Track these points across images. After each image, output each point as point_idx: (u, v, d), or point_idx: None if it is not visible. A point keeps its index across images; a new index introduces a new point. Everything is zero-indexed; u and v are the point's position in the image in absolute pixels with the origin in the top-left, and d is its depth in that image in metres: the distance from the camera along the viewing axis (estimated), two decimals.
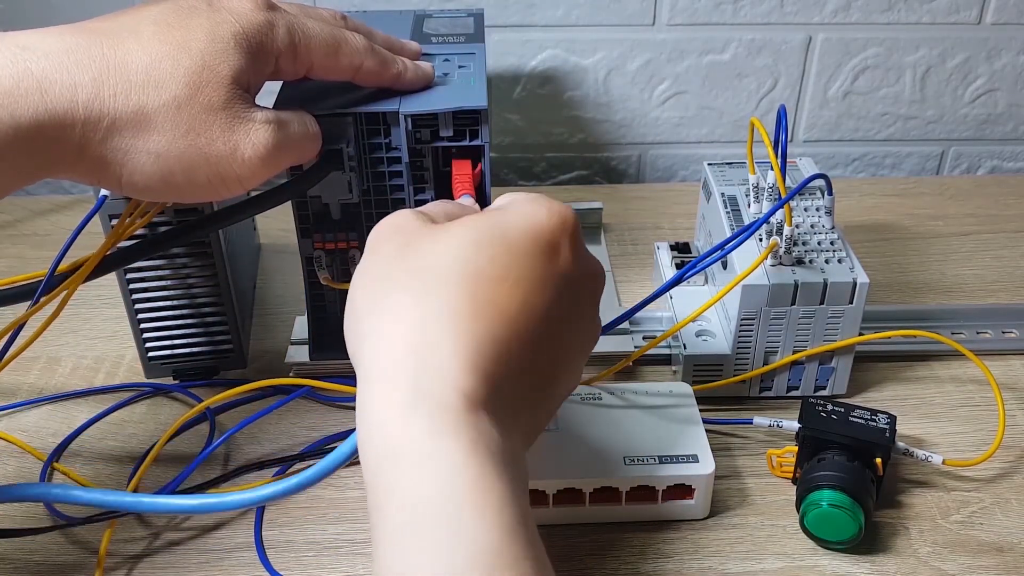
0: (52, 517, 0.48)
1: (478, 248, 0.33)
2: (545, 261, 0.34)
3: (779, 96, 0.82)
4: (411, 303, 0.32)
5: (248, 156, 0.39)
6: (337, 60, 0.44)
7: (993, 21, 0.80)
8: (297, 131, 0.43)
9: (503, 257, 0.33)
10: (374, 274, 0.34)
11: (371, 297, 0.33)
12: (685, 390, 0.52)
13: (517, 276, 0.33)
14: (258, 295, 0.66)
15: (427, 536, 0.27)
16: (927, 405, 0.56)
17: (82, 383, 0.58)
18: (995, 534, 0.48)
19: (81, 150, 0.37)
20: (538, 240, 0.34)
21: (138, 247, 0.47)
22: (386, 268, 0.34)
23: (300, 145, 0.43)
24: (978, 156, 0.88)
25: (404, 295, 0.32)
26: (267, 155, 0.40)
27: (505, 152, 0.85)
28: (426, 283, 0.32)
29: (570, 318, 0.35)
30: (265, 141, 0.40)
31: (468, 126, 0.49)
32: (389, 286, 0.33)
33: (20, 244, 0.72)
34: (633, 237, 0.73)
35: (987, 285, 0.67)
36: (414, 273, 0.33)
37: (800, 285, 0.52)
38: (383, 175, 0.51)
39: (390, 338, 0.31)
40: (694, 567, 0.46)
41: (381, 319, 0.32)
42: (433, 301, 0.31)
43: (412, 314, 0.31)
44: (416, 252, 0.33)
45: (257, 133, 0.40)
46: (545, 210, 0.35)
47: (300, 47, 0.42)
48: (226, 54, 0.39)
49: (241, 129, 0.39)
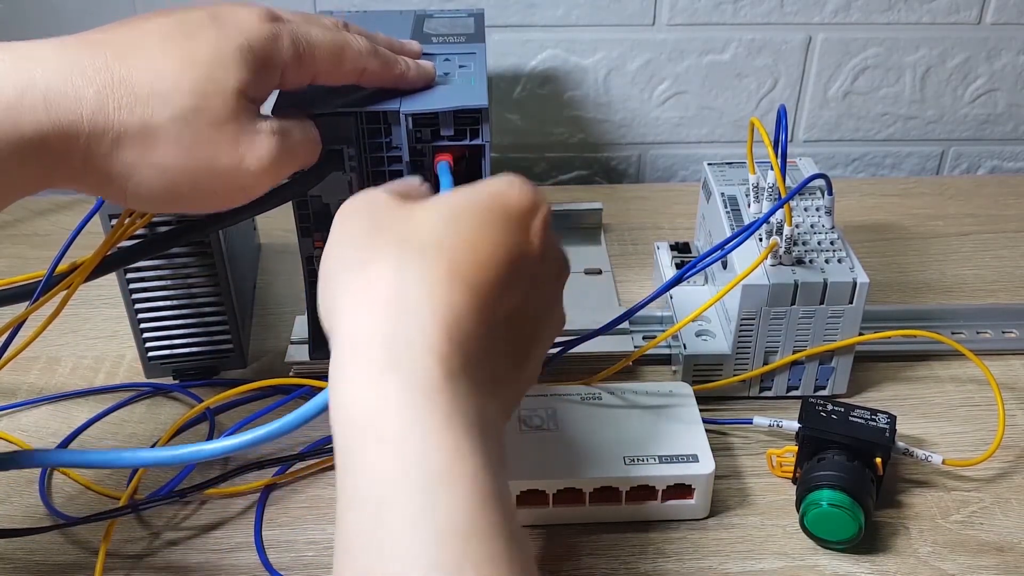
0: (52, 517, 0.49)
1: (454, 221, 0.33)
2: (517, 235, 0.34)
3: (779, 96, 0.82)
4: (389, 271, 0.32)
5: (253, 167, 0.40)
6: (341, 66, 0.44)
7: (993, 21, 0.80)
8: (299, 138, 0.43)
9: (478, 230, 0.33)
10: (349, 243, 0.34)
11: (347, 266, 0.33)
12: (685, 390, 0.52)
13: (491, 249, 0.33)
14: (258, 295, 0.66)
15: (398, 508, 0.27)
16: (927, 405, 0.56)
17: (82, 383, 0.58)
18: (995, 534, 0.48)
19: (85, 163, 0.37)
20: (508, 214, 0.35)
21: (138, 247, 0.47)
22: (362, 239, 0.34)
23: (302, 151, 0.44)
24: (978, 156, 0.88)
25: (382, 264, 0.32)
26: (271, 165, 0.40)
27: (505, 152, 0.85)
28: (403, 253, 0.32)
29: (540, 297, 0.36)
30: (269, 151, 0.40)
31: (469, 125, 0.49)
32: (366, 255, 0.33)
33: (20, 244, 0.72)
34: (633, 237, 0.73)
35: (987, 285, 0.68)
36: (391, 243, 0.33)
37: (800, 285, 0.52)
38: (384, 175, 0.51)
39: (368, 305, 0.32)
40: (694, 567, 0.46)
41: (358, 287, 0.32)
42: (411, 270, 0.32)
43: (390, 282, 0.32)
44: (392, 225, 0.34)
45: (261, 144, 0.40)
46: (517, 188, 0.36)
47: (305, 56, 0.42)
48: (232, 68, 0.38)
49: (246, 141, 0.39)
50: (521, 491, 0.47)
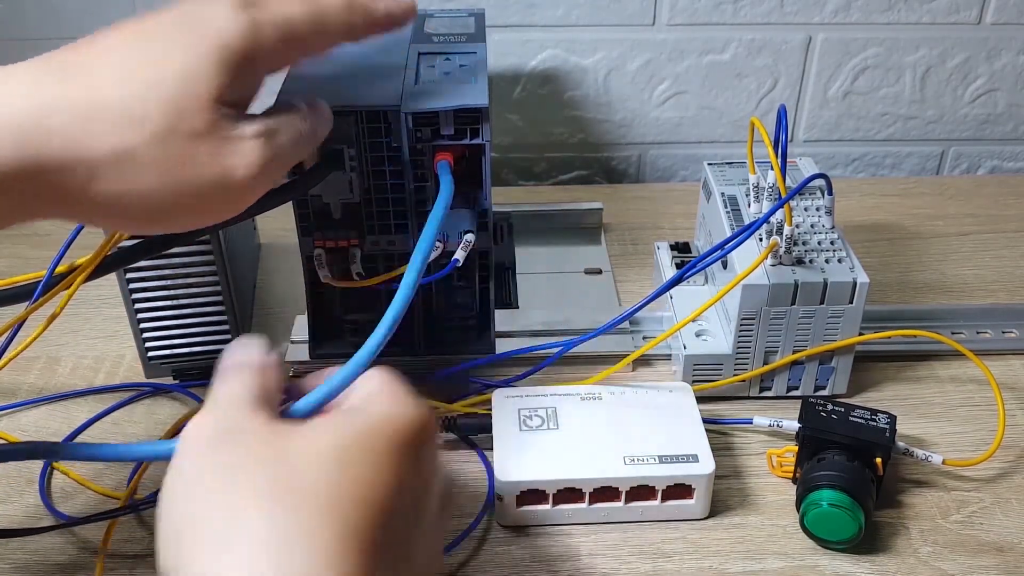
0: (52, 517, 0.48)
1: (341, 464, 0.29)
2: (411, 472, 0.31)
3: (779, 96, 0.82)
4: (263, 531, 0.27)
5: (240, 178, 0.36)
6: (326, 35, 0.40)
7: (993, 21, 0.80)
8: (287, 138, 0.38)
9: (372, 474, 0.29)
10: (202, 488, 0.28)
11: (210, 513, 0.28)
12: (685, 390, 0.52)
13: (385, 494, 0.29)
14: (258, 295, 0.66)
15: None
16: (927, 405, 0.56)
17: (82, 383, 0.58)
18: (995, 534, 0.48)
19: (62, 196, 0.34)
20: (401, 444, 0.31)
21: (138, 247, 0.47)
22: (227, 478, 0.28)
23: (293, 150, 0.39)
24: (978, 156, 0.88)
25: (260, 518, 0.27)
26: (260, 174, 0.37)
27: (505, 152, 0.85)
28: (286, 505, 0.28)
29: (425, 539, 0.32)
30: (257, 159, 0.36)
31: (469, 124, 0.49)
32: (236, 502, 0.28)
33: (20, 244, 0.72)
34: (633, 237, 0.73)
35: (987, 285, 0.68)
36: (269, 490, 0.28)
37: (800, 285, 0.52)
38: (384, 174, 0.51)
39: (246, 567, 0.26)
40: (694, 567, 0.46)
41: (228, 544, 0.27)
42: (292, 531, 0.27)
43: (264, 547, 0.27)
44: (266, 462, 0.29)
45: (247, 152, 0.36)
46: (407, 411, 0.32)
47: (288, 39, 0.38)
48: (206, 75, 0.35)
49: (229, 151, 0.35)
50: (521, 491, 0.47)
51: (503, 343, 0.58)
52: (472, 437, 0.53)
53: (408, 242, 0.54)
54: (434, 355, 0.57)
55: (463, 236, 0.52)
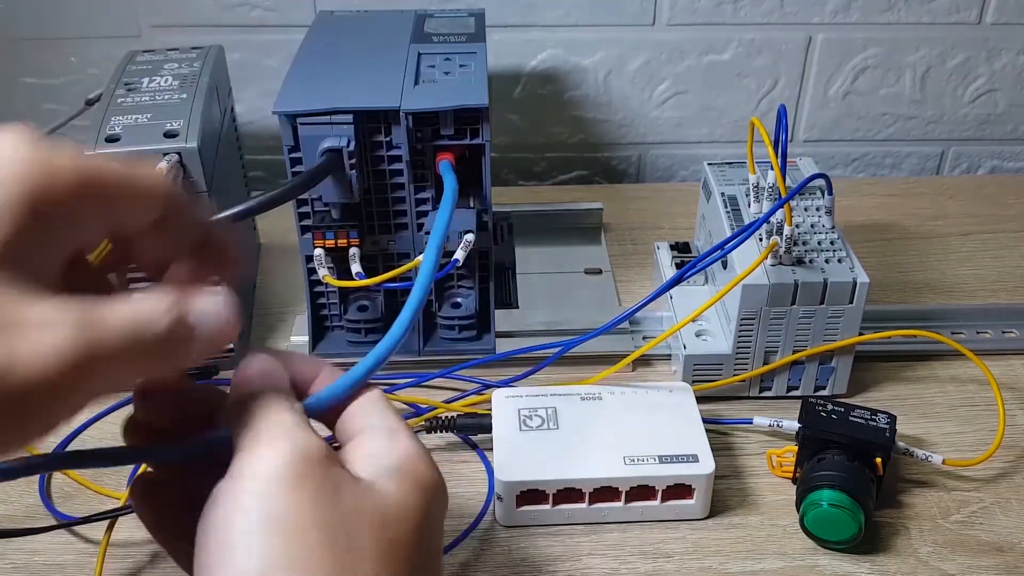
0: (52, 517, 0.48)
1: (424, 532, 0.30)
2: (439, 537, 0.32)
3: (779, 96, 0.82)
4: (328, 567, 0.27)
5: (23, 376, 0.23)
6: (139, 196, 0.28)
7: (993, 21, 0.80)
8: (121, 330, 0.25)
9: (436, 541, 0.31)
10: (313, 540, 0.27)
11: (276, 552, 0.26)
12: (685, 390, 0.52)
13: (435, 556, 0.31)
14: (258, 295, 0.66)
15: None
16: (927, 405, 0.56)
17: None
18: (995, 534, 0.48)
19: None
20: (442, 514, 0.32)
21: None
22: (330, 533, 0.27)
23: (144, 350, 0.27)
24: (978, 156, 0.88)
25: (326, 557, 0.27)
26: (59, 374, 0.24)
27: (505, 152, 0.85)
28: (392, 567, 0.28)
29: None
30: (53, 353, 0.24)
31: (469, 124, 0.49)
32: (347, 559, 0.27)
33: None
34: (633, 237, 0.73)
35: (987, 285, 0.67)
36: (376, 552, 0.28)
37: (800, 285, 0.52)
38: (384, 174, 0.51)
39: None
40: (694, 567, 0.46)
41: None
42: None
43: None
44: (372, 524, 0.28)
45: (37, 341, 0.24)
46: (442, 484, 0.32)
47: (93, 182, 0.26)
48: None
49: (6, 336, 0.23)
50: (521, 491, 0.47)
51: (503, 343, 0.59)
52: (472, 437, 0.53)
53: (408, 242, 0.54)
54: (434, 355, 0.57)
55: (463, 236, 0.52)
